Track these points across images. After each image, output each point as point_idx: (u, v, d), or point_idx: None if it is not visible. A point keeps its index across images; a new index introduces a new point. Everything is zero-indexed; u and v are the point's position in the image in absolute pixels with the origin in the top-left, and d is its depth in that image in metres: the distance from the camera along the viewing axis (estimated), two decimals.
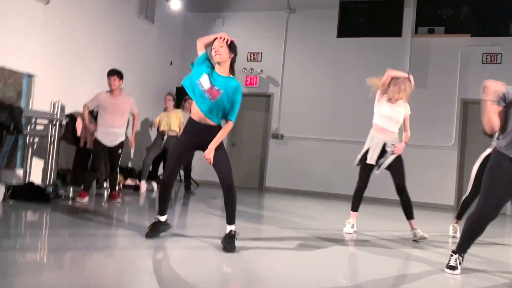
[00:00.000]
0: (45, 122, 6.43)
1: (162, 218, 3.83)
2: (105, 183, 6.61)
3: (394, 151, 4.58)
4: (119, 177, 7.20)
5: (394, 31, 9.33)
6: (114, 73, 5.69)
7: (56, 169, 6.43)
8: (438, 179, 8.70)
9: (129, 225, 4.54)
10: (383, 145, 4.62)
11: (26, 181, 6.00)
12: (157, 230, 3.80)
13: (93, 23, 7.61)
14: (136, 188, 7.43)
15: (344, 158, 9.37)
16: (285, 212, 6.45)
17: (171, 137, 7.40)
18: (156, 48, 9.63)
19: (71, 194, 5.80)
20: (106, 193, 6.35)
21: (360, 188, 4.77)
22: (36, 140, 6.46)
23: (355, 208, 4.85)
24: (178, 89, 10.05)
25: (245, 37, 10.23)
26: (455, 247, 3.43)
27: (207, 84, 3.53)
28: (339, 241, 4.44)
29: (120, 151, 5.71)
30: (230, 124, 3.62)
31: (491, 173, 3.19)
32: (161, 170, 8.23)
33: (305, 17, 9.94)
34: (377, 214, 7.00)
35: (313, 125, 9.69)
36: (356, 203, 4.85)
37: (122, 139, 5.73)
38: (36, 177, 6.30)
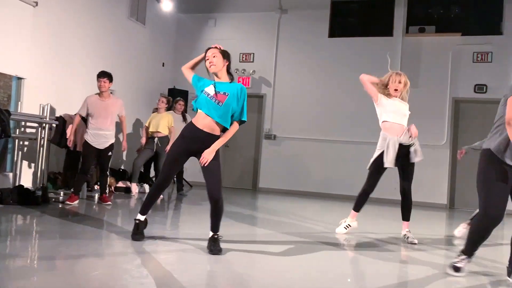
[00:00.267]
0: (35, 125, 6.39)
1: (143, 218, 3.84)
2: (96, 185, 6.57)
3: (412, 135, 4.47)
4: (111, 180, 7.17)
5: (385, 30, 9.35)
6: (104, 75, 5.67)
7: (47, 172, 6.40)
8: (431, 178, 8.71)
9: (119, 228, 4.52)
10: (399, 146, 4.49)
11: (16, 184, 5.96)
12: (141, 232, 3.81)
13: (83, 25, 7.58)
14: (127, 190, 7.40)
15: (338, 158, 9.40)
16: (278, 213, 6.44)
17: (162, 138, 7.38)
18: (148, 49, 9.60)
19: (61, 197, 5.76)
20: (96, 196, 6.32)
21: (366, 191, 4.68)
22: (26, 143, 6.42)
23: (357, 209, 4.77)
24: (170, 90, 10.04)
25: (237, 38, 10.24)
26: (463, 248, 3.34)
27: (212, 91, 3.57)
28: (331, 243, 4.42)
29: (110, 153, 5.68)
30: (236, 125, 3.63)
31: (486, 174, 3.12)
32: (152, 172, 8.23)
33: (297, 18, 9.94)
34: (374, 214, 6.99)
35: (306, 126, 9.69)
36: (359, 205, 4.76)
37: (112, 141, 5.70)
38: (26, 180, 6.26)
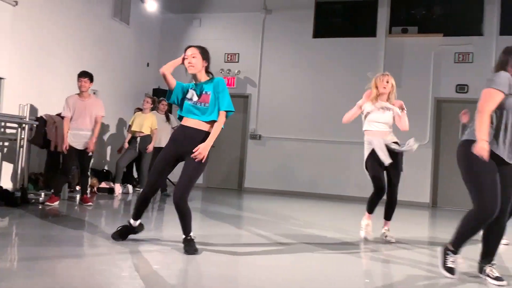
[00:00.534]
0: (15, 125, 6.32)
1: (135, 223, 3.75)
2: (77, 186, 6.52)
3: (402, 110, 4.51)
4: (93, 180, 7.13)
5: (369, 31, 9.42)
6: (85, 75, 5.63)
7: (28, 173, 6.33)
8: (413, 177, 8.77)
9: (99, 228, 4.49)
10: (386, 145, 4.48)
11: None
12: (125, 234, 3.74)
13: (65, 24, 7.52)
14: (111, 191, 7.36)
15: (323, 158, 9.44)
16: (262, 213, 6.45)
17: (144, 137, 7.35)
18: (132, 49, 9.55)
19: (41, 198, 5.71)
20: (78, 196, 6.27)
21: (378, 193, 4.53)
22: (5, 144, 6.35)
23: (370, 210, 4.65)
24: (155, 90, 10.01)
25: (222, 38, 10.24)
26: (448, 245, 3.25)
27: (196, 97, 3.55)
28: (313, 242, 4.44)
29: (90, 153, 5.64)
30: (223, 116, 3.59)
31: (475, 165, 3.04)
32: (135, 172, 8.19)
33: (281, 18, 9.97)
34: (358, 213, 7.04)
35: (291, 126, 9.72)
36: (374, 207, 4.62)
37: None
38: (6, 181, 6.19)
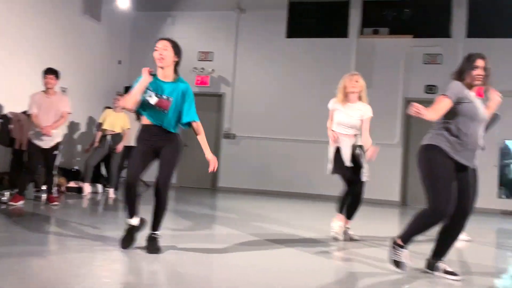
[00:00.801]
0: None
1: (134, 221, 3.55)
2: (44, 185, 6.39)
3: (369, 158, 4.52)
4: (61, 180, 7.00)
5: (341, 32, 9.53)
6: (51, 72, 5.53)
7: None
8: (383, 175, 8.93)
9: (63, 228, 4.41)
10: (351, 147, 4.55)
11: None
12: (131, 238, 3.52)
13: (33, 21, 7.35)
14: (80, 190, 7.24)
15: (297, 157, 9.49)
16: (234, 212, 6.47)
17: (115, 136, 7.25)
18: (103, 46, 9.41)
19: (5, 198, 5.56)
20: (44, 196, 6.15)
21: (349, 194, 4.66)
22: None
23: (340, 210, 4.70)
24: (127, 88, 9.89)
25: (195, 36, 10.19)
26: (397, 240, 3.27)
27: (154, 99, 3.46)
28: (280, 240, 4.47)
29: (55, 152, 5.53)
30: (199, 124, 3.57)
31: (435, 168, 3.15)
32: (104, 171, 8.07)
33: (255, 17, 9.99)
34: (324, 211, 7.11)
35: (265, 125, 9.75)
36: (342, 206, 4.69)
37: (58, 140, 5.55)
38: None
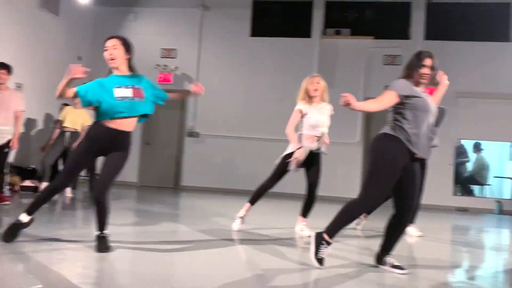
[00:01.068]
0: None
1: (27, 219, 3.46)
2: None
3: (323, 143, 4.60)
4: (14, 178, 6.78)
5: (304, 32, 9.64)
6: (2, 67, 5.34)
7: None
8: (344, 174, 9.12)
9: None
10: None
11: None
12: (16, 234, 3.44)
13: None
14: (36, 189, 7.03)
15: (262, 156, 9.48)
16: (196, 211, 6.44)
17: (74, 133, 7.08)
18: (61, 42, 9.16)
19: None
20: None
21: (267, 187, 4.69)
22: None
23: (253, 202, 4.74)
24: None
25: (158, 33, 10.09)
26: (324, 235, 3.28)
27: (126, 92, 3.36)
28: (240, 239, 4.48)
29: (6, 150, 5.34)
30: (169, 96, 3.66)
31: (385, 160, 3.20)
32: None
33: (219, 15, 9.97)
34: (275, 208, 7.18)
35: (230, 123, 9.74)
36: (257, 198, 4.73)
37: (8, 137, 5.35)
38: None
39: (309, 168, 4.63)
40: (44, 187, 4.35)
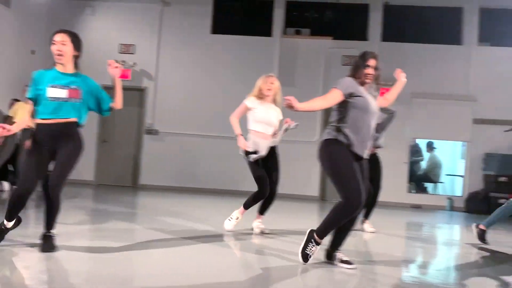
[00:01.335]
0: None
1: (10, 225, 3.35)
2: None
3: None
4: None
5: (265, 30, 9.67)
6: None
7: None
8: (303, 171, 9.23)
9: None
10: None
11: None
12: (2, 238, 3.35)
13: None
14: None
15: (222, 154, 9.47)
16: (154, 210, 6.32)
17: (26, 130, 6.79)
18: (13, 34, 8.77)
19: None
20: None
21: (262, 195, 4.56)
22: None
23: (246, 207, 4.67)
24: None
25: (116, 28, 9.86)
26: (315, 235, 3.35)
27: (62, 92, 3.23)
28: (199, 237, 4.43)
29: None
30: (115, 103, 3.49)
31: (339, 162, 3.27)
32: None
33: (180, 12, 9.84)
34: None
35: (190, 121, 9.64)
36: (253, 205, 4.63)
37: None
38: None
39: (266, 166, 4.64)
40: (12, 192, 4.09)
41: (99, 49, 9.61)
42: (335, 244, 3.46)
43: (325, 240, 3.43)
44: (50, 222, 3.30)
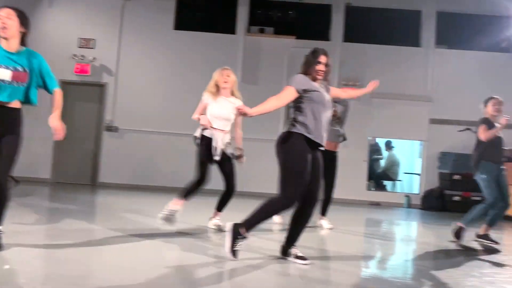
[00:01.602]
0: None
1: None
2: None
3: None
4: None
5: (229, 28, 9.64)
6: None
7: None
8: (266, 170, 9.21)
9: None
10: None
11: None
12: None
13: None
14: None
15: (184, 151, 9.30)
16: (108, 208, 6.18)
17: None
18: None
19: None
20: None
21: (200, 182, 4.66)
22: None
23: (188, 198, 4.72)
24: None
25: (76, 22, 9.57)
26: (241, 229, 3.32)
27: (5, 73, 3.05)
28: (153, 235, 4.37)
29: None
30: (59, 91, 3.33)
31: (294, 157, 3.32)
32: None
33: (142, 6, 9.65)
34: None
35: (151, 118, 9.47)
36: (191, 195, 4.71)
37: None
38: None
39: (223, 163, 4.65)
40: None
41: (57, 43, 9.31)
42: (290, 240, 3.49)
43: (281, 236, 3.45)
44: None
